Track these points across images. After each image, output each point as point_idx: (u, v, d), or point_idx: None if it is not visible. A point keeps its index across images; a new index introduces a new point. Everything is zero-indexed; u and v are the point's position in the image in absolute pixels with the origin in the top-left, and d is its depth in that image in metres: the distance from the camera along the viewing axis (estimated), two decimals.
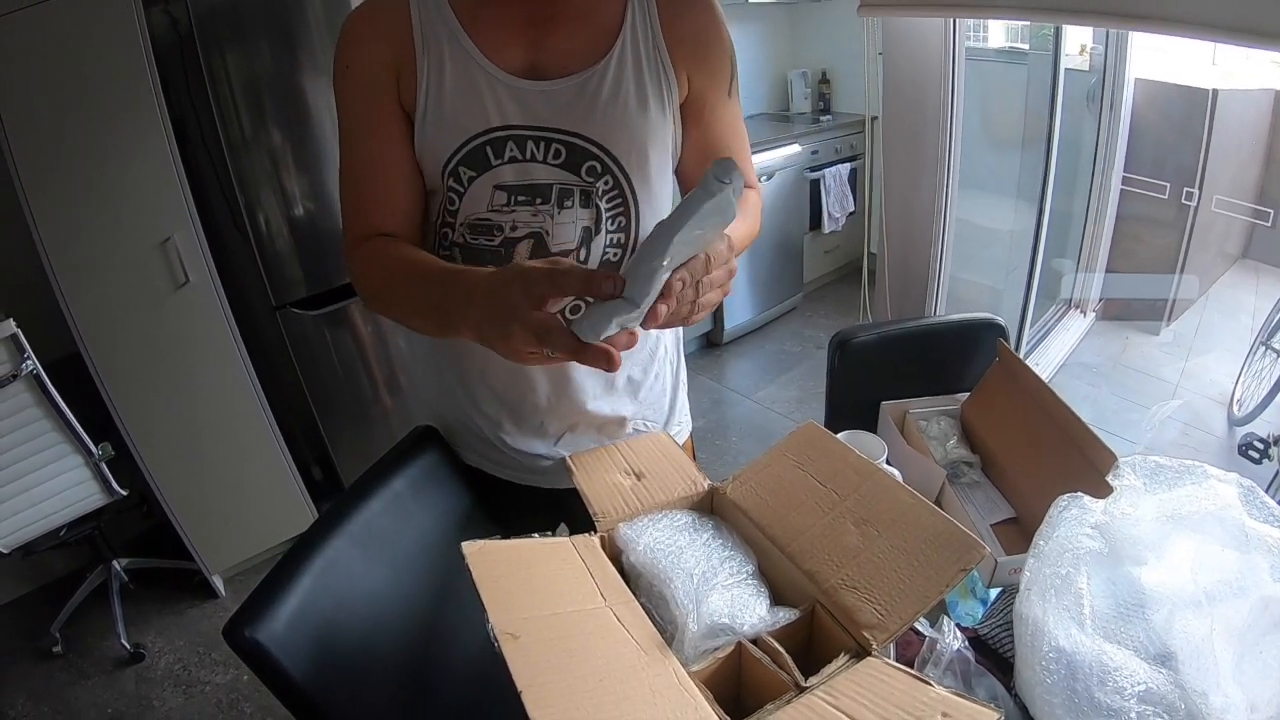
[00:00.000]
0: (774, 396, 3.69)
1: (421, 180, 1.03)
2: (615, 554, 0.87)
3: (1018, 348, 3.00)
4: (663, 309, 0.74)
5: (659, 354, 1.20)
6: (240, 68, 2.26)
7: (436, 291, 0.87)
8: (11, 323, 1.91)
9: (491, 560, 0.76)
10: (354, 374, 2.70)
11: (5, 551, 2.11)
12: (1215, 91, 3.00)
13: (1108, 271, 3.54)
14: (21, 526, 2.12)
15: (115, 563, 2.55)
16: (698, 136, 1.08)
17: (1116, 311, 3.62)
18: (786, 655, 0.70)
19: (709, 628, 0.73)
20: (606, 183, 1.01)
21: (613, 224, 1.03)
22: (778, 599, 0.82)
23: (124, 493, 2.28)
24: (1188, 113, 3.12)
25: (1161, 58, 3.15)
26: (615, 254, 1.05)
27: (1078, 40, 3.08)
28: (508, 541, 0.81)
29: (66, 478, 2.16)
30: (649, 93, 1.00)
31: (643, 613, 0.76)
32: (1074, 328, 3.55)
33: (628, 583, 0.81)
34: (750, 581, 0.82)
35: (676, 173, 1.12)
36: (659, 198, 1.07)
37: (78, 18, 1.94)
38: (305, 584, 0.92)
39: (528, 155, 0.98)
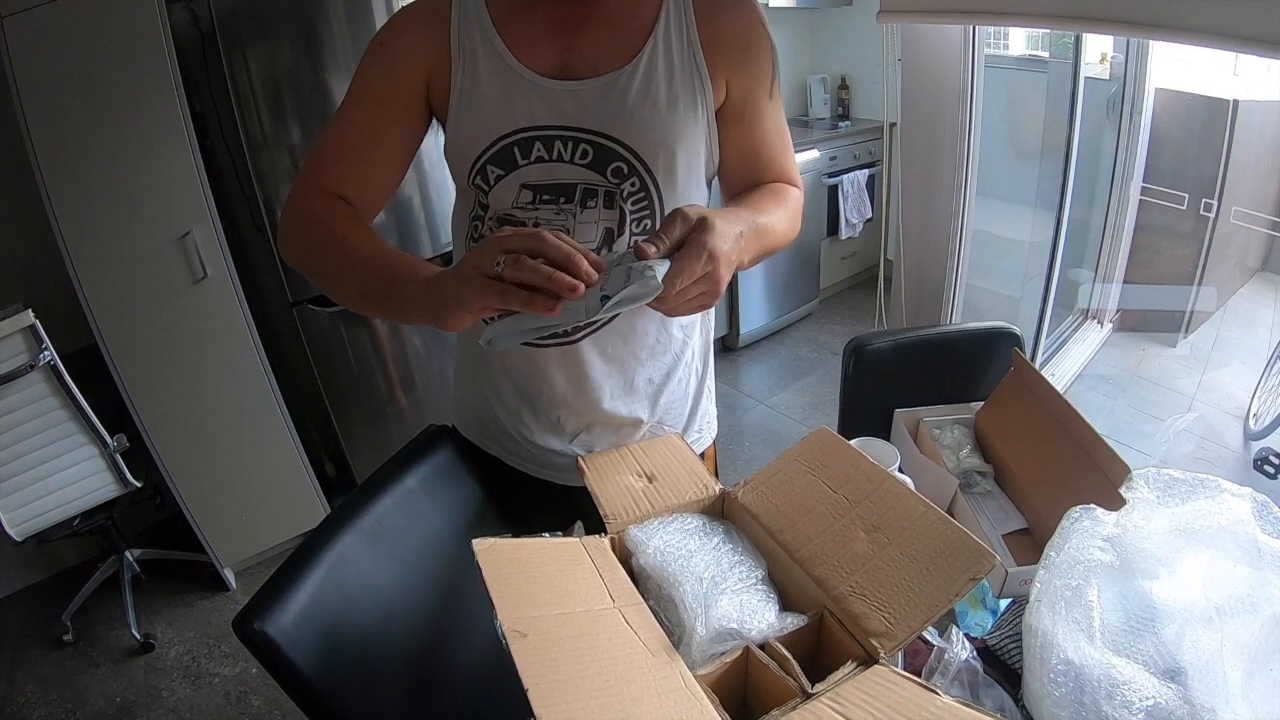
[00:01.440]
0: (788, 402, 3.68)
1: (398, 178, 1.06)
2: (625, 556, 0.87)
3: (1034, 357, 2.99)
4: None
5: (684, 359, 1.19)
6: (261, 65, 2.27)
7: (389, 269, 0.90)
8: (30, 314, 1.93)
9: (501, 558, 0.77)
10: (369, 371, 2.71)
11: (19, 539, 2.14)
12: (1236, 102, 2.97)
13: (1125, 282, 3.52)
14: (36, 515, 2.15)
15: (128, 553, 2.57)
16: (740, 139, 1.07)
17: (1133, 323, 3.59)
18: (793, 661, 0.70)
19: (717, 632, 0.73)
20: (633, 184, 1.01)
21: (637, 226, 1.03)
22: (787, 604, 0.82)
23: (138, 484, 2.31)
24: (1208, 123, 3.10)
25: (1183, 67, 3.13)
26: None
27: (1098, 49, 3.06)
28: (518, 540, 0.82)
29: (81, 468, 2.19)
30: (680, 95, 0.99)
31: (651, 615, 0.76)
32: (1090, 338, 3.53)
33: (637, 585, 0.82)
34: (760, 587, 0.82)
35: (719, 175, 1.11)
36: (686, 201, 1.06)
37: (100, 13, 1.96)
38: (315, 579, 0.93)
39: (554, 155, 0.99)
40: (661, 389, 1.18)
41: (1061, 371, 3.27)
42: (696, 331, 1.20)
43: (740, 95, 1.04)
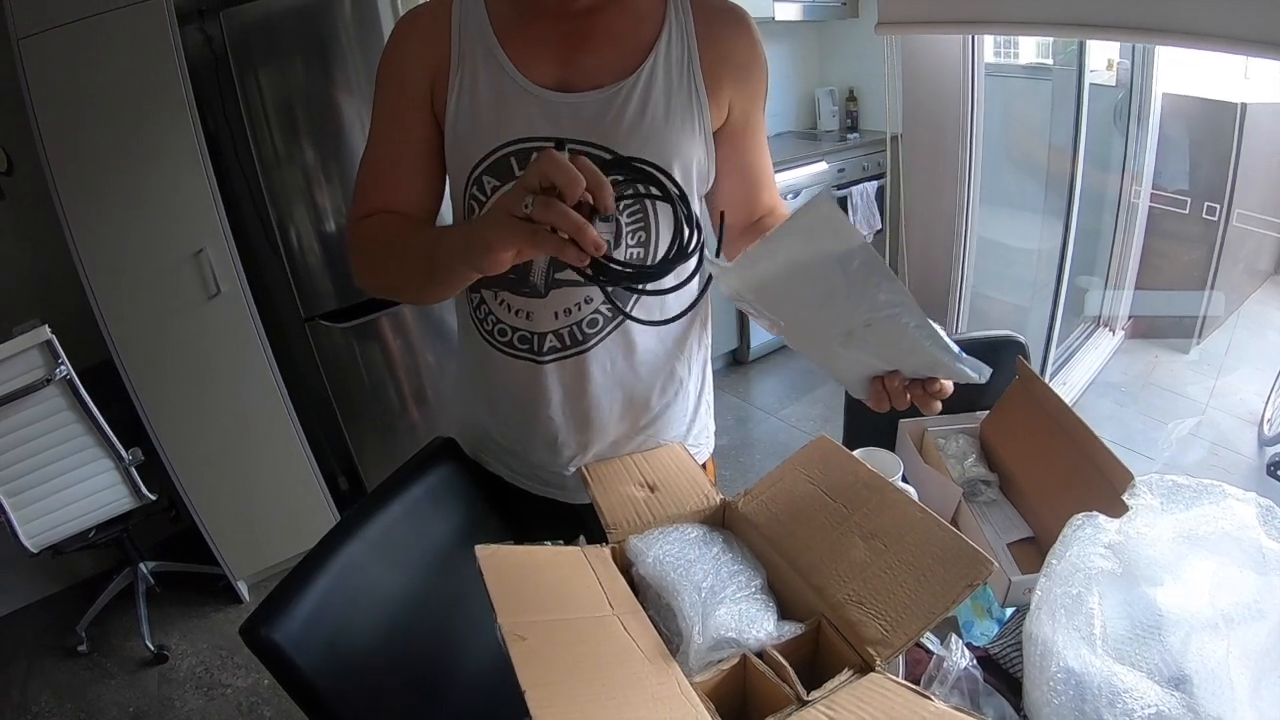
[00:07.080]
0: (799, 414, 3.68)
1: (438, 185, 1.07)
2: (625, 565, 0.87)
3: (1044, 366, 2.98)
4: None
5: (679, 374, 1.19)
6: (273, 85, 2.30)
7: (429, 237, 0.93)
8: (46, 329, 1.96)
9: (503, 564, 0.77)
10: (381, 386, 2.73)
11: (35, 551, 2.16)
12: (1244, 105, 2.96)
13: (1136, 289, 3.50)
14: (52, 527, 2.18)
15: (142, 565, 2.59)
16: (740, 157, 1.10)
17: (1145, 329, 3.57)
18: (789, 669, 0.70)
19: (715, 641, 0.73)
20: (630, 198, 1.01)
21: (632, 239, 1.03)
22: (786, 613, 0.82)
23: (153, 497, 2.33)
24: (1216, 127, 3.09)
25: (1189, 71, 3.12)
26: None
27: (1104, 55, 3.06)
28: (520, 547, 0.82)
29: (97, 481, 2.22)
30: (677, 110, 1.00)
31: (649, 623, 0.76)
32: (1102, 346, 3.51)
33: (637, 594, 0.82)
34: (758, 596, 0.82)
35: (715, 194, 1.12)
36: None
37: (114, 35, 2.00)
38: (322, 586, 0.94)
39: None
40: (660, 402, 1.18)
41: (1073, 380, 3.25)
42: (694, 344, 1.20)
43: (741, 114, 1.06)
